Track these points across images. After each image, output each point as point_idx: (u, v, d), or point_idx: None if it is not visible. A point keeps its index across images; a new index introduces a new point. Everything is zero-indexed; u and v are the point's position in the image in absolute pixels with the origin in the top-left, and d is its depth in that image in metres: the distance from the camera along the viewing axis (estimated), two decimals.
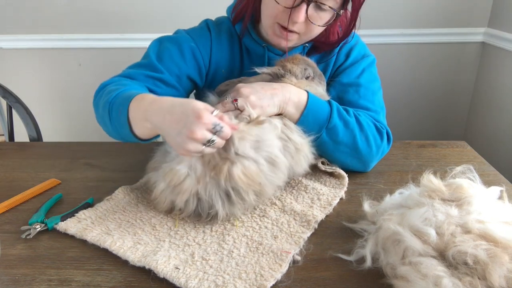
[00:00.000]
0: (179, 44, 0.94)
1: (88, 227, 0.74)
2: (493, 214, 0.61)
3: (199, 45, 0.96)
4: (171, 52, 0.93)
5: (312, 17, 0.85)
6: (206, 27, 1.00)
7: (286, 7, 0.84)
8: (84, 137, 2.22)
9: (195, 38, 0.96)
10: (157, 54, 0.93)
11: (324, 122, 0.86)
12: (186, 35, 0.97)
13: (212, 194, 0.73)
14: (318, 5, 0.84)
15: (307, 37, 0.92)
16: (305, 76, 0.91)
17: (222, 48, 0.99)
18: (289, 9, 0.84)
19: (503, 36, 1.81)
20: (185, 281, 0.60)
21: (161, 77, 0.90)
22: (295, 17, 0.84)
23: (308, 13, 0.84)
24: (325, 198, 0.83)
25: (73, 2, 1.93)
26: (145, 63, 0.92)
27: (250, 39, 0.98)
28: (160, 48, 0.94)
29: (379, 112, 0.97)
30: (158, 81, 0.90)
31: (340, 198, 0.84)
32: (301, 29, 0.88)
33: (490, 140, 1.94)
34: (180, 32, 0.98)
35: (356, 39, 1.03)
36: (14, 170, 1.01)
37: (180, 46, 0.94)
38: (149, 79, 0.89)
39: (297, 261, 0.66)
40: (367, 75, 0.99)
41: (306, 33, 0.90)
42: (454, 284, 0.53)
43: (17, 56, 2.06)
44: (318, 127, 0.86)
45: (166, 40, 0.96)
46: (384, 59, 1.98)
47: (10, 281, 0.63)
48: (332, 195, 0.84)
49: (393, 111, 2.08)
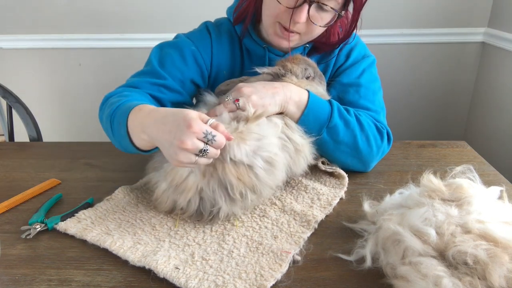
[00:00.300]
0: (180, 48, 0.94)
1: (88, 227, 0.74)
2: (493, 214, 0.61)
3: (200, 48, 0.96)
4: (173, 57, 0.93)
5: (314, 17, 0.85)
6: (205, 29, 1.00)
7: (288, 7, 0.84)
8: (84, 137, 2.22)
9: (196, 42, 0.96)
10: (159, 60, 0.93)
11: (325, 122, 0.86)
12: (186, 39, 0.97)
13: (215, 190, 0.72)
14: (319, 6, 0.84)
15: (308, 37, 0.92)
16: (306, 76, 0.91)
17: (223, 50, 0.99)
18: (291, 9, 0.84)
19: (503, 36, 1.81)
20: (185, 281, 0.60)
21: (164, 83, 0.90)
22: (297, 18, 0.84)
23: (310, 13, 0.84)
24: (325, 198, 0.83)
25: (73, 2, 1.93)
26: (148, 70, 0.92)
27: (250, 40, 0.98)
28: (162, 54, 0.94)
29: (379, 112, 0.97)
30: (162, 87, 0.90)
31: (340, 198, 0.84)
32: (302, 30, 0.88)
33: (490, 140, 1.94)
34: (180, 37, 0.98)
35: (357, 39, 1.03)
36: (14, 170, 1.01)
37: (181, 50, 0.94)
38: (153, 86, 0.89)
39: (297, 261, 0.66)
40: (368, 75, 0.99)
41: (307, 33, 0.90)
42: (454, 284, 0.53)
43: (17, 56, 2.06)
44: (319, 126, 0.86)
45: (167, 45, 0.96)
46: (384, 59, 1.98)
47: (10, 281, 0.63)
48: (332, 195, 0.84)
49: (393, 111, 2.08)
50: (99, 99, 0.88)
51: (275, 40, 0.92)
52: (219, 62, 0.99)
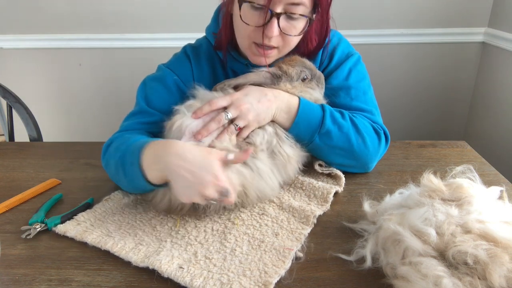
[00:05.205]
0: (162, 80, 0.95)
1: (87, 229, 0.74)
2: (493, 214, 0.61)
3: (180, 76, 0.96)
4: (158, 91, 0.94)
5: (286, 28, 0.84)
6: (184, 55, 0.99)
7: (257, 26, 0.83)
8: (84, 137, 2.21)
9: (176, 71, 0.96)
10: (144, 98, 0.93)
11: (316, 128, 0.86)
12: (167, 70, 0.97)
13: None
14: (288, 16, 0.83)
15: (286, 49, 0.90)
16: (301, 78, 0.90)
17: (203, 74, 0.98)
18: (261, 27, 0.83)
19: (503, 36, 1.81)
20: (190, 280, 0.61)
21: (154, 120, 0.90)
22: (269, 33, 0.82)
23: (281, 25, 0.83)
24: (320, 193, 0.84)
25: (73, 2, 1.93)
26: (137, 110, 0.93)
27: (231, 59, 0.97)
28: (146, 90, 0.95)
29: (373, 111, 0.96)
30: (153, 124, 0.89)
31: (336, 191, 0.85)
32: (279, 43, 0.87)
33: (490, 140, 1.94)
34: (161, 69, 0.98)
35: (338, 38, 1.01)
36: (14, 170, 1.01)
37: (164, 82, 0.94)
38: (144, 125, 0.90)
39: (300, 258, 0.67)
40: (355, 74, 0.97)
41: (284, 45, 0.88)
42: (454, 284, 0.53)
43: (17, 56, 2.06)
44: (311, 132, 0.86)
45: (150, 80, 0.97)
46: (384, 59, 1.98)
47: (10, 281, 0.63)
48: (329, 187, 0.85)
49: (393, 111, 2.08)
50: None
51: (254, 59, 0.91)
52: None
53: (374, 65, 1.91)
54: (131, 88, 1.26)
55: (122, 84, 2.08)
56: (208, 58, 0.99)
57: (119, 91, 2.09)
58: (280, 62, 0.91)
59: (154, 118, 0.90)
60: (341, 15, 1.25)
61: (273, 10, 0.81)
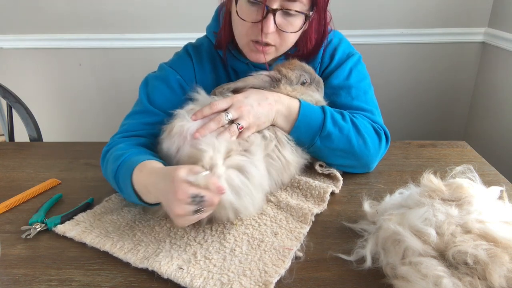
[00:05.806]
0: (165, 79, 0.94)
1: (86, 230, 0.74)
2: (493, 214, 0.61)
3: (183, 75, 0.96)
4: (161, 90, 0.93)
5: (282, 25, 0.84)
6: (186, 54, 0.99)
7: (254, 22, 0.83)
8: (84, 137, 2.21)
9: (178, 70, 0.96)
10: (147, 97, 0.93)
11: (317, 131, 0.86)
12: (169, 69, 0.96)
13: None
14: (285, 12, 0.83)
15: (284, 47, 0.90)
16: (301, 82, 0.90)
17: (205, 73, 0.98)
18: (258, 23, 0.83)
19: (503, 36, 1.81)
20: (190, 281, 0.61)
21: (157, 120, 0.89)
22: (265, 29, 0.82)
23: (277, 21, 0.83)
24: (317, 193, 0.84)
25: (73, 2, 1.93)
26: (139, 109, 0.92)
27: (232, 57, 0.97)
28: (148, 89, 0.94)
29: (374, 111, 0.96)
30: (156, 124, 0.88)
31: (332, 191, 0.85)
32: (276, 40, 0.87)
33: (490, 140, 1.94)
34: (163, 68, 0.98)
35: (339, 38, 1.01)
36: (14, 170, 1.01)
37: (167, 81, 0.94)
38: (147, 126, 0.89)
39: (299, 257, 0.67)
40: (356, 74, 0.98)
41: (282, 43, 0.88)
42: (454, 284, 0.53)
43: (17, 56, 2.06)
44: (312, 135, 0.86)
45: (152, 78, 0.96)
46: (384, 59, 1.98)
47: (10, 281, 0.63)
48: (325, 186, 0.85)
49: (394, 111, 2.08)
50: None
51: (252, 56, 0.90)
52: (204, 85, 0.96)
53: (375, 65, 1.91)
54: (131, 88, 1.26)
55: (122, 84, 2.08)
56: (210, 57, 0.99)
57: (119, 91, 2.09)
58: (279, 65, 0.91)
59: (157, 119, 0.89)
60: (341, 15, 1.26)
61: (269, 6, 0.81)
